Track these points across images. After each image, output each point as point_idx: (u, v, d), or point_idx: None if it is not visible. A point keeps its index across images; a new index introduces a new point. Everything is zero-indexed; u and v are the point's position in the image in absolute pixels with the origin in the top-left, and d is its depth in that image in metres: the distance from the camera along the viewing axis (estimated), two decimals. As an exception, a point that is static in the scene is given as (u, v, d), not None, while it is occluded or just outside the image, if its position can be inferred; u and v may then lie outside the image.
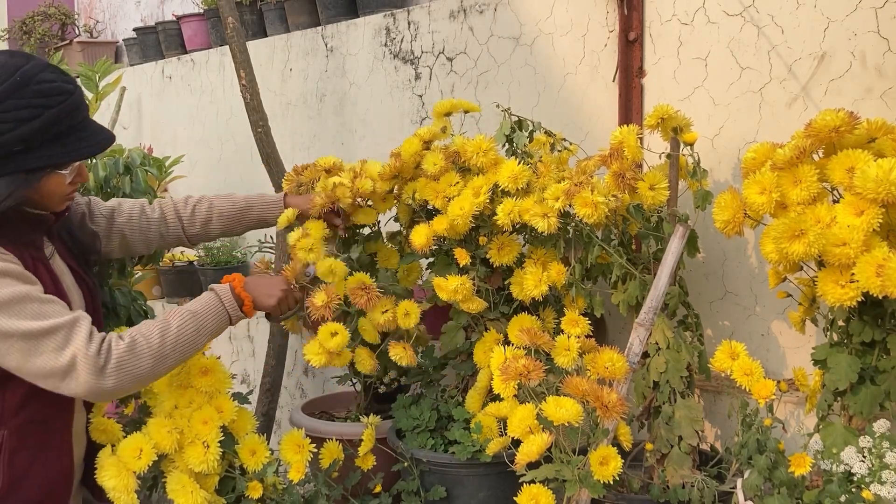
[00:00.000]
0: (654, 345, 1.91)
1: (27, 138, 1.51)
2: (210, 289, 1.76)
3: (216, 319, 1.71)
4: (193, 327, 1.65)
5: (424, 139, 2.18)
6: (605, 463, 1.67)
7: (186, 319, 1.65)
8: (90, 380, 1.51)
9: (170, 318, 1.64)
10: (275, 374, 2.97)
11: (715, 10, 2.22)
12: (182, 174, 3.62)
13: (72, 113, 1.57)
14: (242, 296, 1.75)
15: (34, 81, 1.53)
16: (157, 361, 1.59)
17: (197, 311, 1.68)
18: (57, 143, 1.56)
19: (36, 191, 1.59)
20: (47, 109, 1.52)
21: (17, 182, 1.54)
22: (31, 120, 1.51)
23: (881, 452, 1.52)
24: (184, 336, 1.63)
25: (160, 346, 1.59)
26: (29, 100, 1.51)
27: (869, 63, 1.97)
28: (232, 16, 2.81)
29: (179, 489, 1.73)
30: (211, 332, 1.70)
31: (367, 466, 2.16)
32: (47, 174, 1.58)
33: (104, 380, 1.52)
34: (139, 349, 1.56)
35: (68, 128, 1.57)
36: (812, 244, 1.53)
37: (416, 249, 2.10)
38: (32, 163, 1.54)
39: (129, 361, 1.54)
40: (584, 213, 1.89)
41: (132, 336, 1.58)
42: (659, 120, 1.96)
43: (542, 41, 2.62)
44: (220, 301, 1.72)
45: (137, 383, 1.59)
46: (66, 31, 5.57)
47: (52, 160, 1.57)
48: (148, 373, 1.58)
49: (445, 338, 2.22)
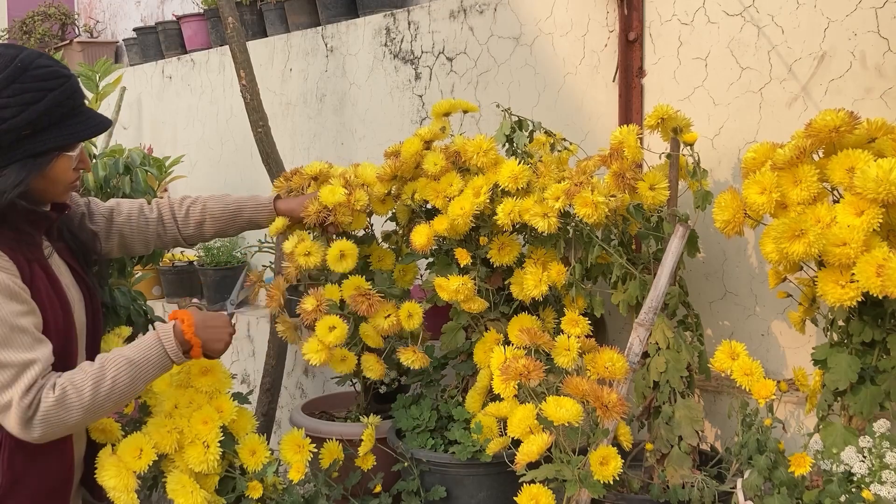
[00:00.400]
0: (654, 345, 1.91)
1: (34, 120, 1.56)
2: (154, 332, 1.70)
3: (156, 367, 1.67)
4: (129, 377, 1.62)
5: (425, 139, 2.18)
6: (605, 463, 1.67)
7: (122, 369, 1.61)
8: (18, 428, 1.54)
9: (106, 367, 1.61)
10: (275, 374, 2.97)
11: (715, 10, 2.22)
12: (182, 174, 3.63)
13: (72, 95, 1.63)
14: (192, 341, 1.70)
15: (33, 67, 1.57)
16: (88, 412, 1.58)
17: (135, 359, 1.64)
18: (62, 125, 1.61)
19: (44, 176, 1.62)
20: (50, 92, 1.58)
21: (28, 167, 1.58)
22: (36, 103, 1.56)
23: (881, 452, 1.52)
24: (118, 387, 1.61)
25: (91, 399, 1.57)
26: (31, 83, 1.56)
27: (869, 63, 1.97)
28: (232, 16, 2.81)
29: (179, 489, 1.73)
30: (148, 379, 1.67)
31: (367, 466, 2.16)
32: (56, 157, 1.62)
33: (31, 430, 1.55)
34: (68, 402, 1.56)
35: (70, 110, 1.62)
36: (812, 244, 1.53)
37: (417, 249, 2.10)
38: (41, 145, 1.59)
39: (56, 415, 1.55)
40: (584, 213, 1.89)
41: (63, 388, 1.56)
42: (659, 120, 1.96)
43: (542, 41, 2.62)
44: (163, 348, 1.67)
45: (67, 431, 1.60)
46: (66, 31, 5.57)
47: (60, 141, 1.61)
48: (79, 422, 1.59)
49: (445, 338, 2.22)
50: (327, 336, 2.01)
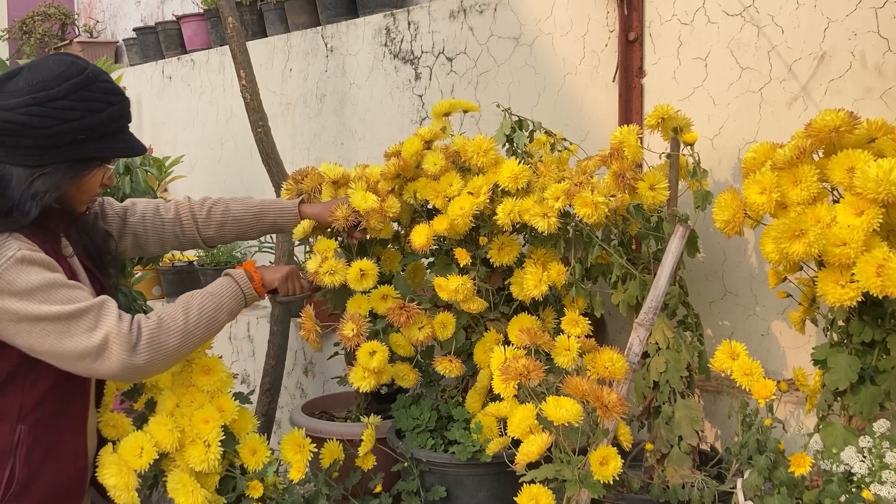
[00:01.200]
0: (654, 345, 1.91)
1: (91, 128, 1.63)
2: (224, 273, 1.86)
3: (232, 297, 1.80)
4: (212, 305, 1.75)
5: (425, 139, 2.18)
6: (605, 463, 1.67)
7: (205, 298, 1.75)
8: (123, 357, 1.57)
9: (189, 300, 1.73)
10: (275, 374, 2.97)
11: (715, 10, 2.22)
12: (182, 174, 3.63)
13: (125, 115, 1.72)
14: (252, 273, 1.86)
15: (100, 80, 1.67)
16: (184, 338, 1.66)
17: (213, 291, 1.78)
18: (109, 139, 1.68)
19: (77, 183, 1.68)
20: (110, 105, 1.67)
21: (71, 171, 1.64)
22: (99, 112, 1.64)
23: (881, 452, 1.52)
24: (205, 313, 1.72)
25: (185, 324, 1.67)
26: (97, 94, 1.65)
27: (869, 63, 1.97)
28: (232, 16, 2.81)
29: (180, 488, 1.73)
30: (229, 309, 1.79)
31: (368, 466, 2.16)
32: (96, 167, 1.69)
33: (136, 356, 1.58)
34: (167, 326, 1.64)
35: (120, 127, 1.71)
36: (812, 244, 1.53)
37: (417, 249, 2.10)
38: (88, 153, 1.65)
39: (158, 338, 1.62)
40: (584, 213, 1.89)
41: (159, 315, 1.66)
42: (659, 120, 1.96)
43: (542, 41, 2.62)
44: (234, 280, 1.82)
45: (167, 360, 1.65)
46: (66, 31, 5.57)
47: (105, 153, 1.69)
48: (176, 349, 1.65)
49: (445, 338, 2.22)
50: (370, 362, 2.02)
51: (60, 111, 1.60)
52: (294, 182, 2.30)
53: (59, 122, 1.59)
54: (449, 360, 2.09)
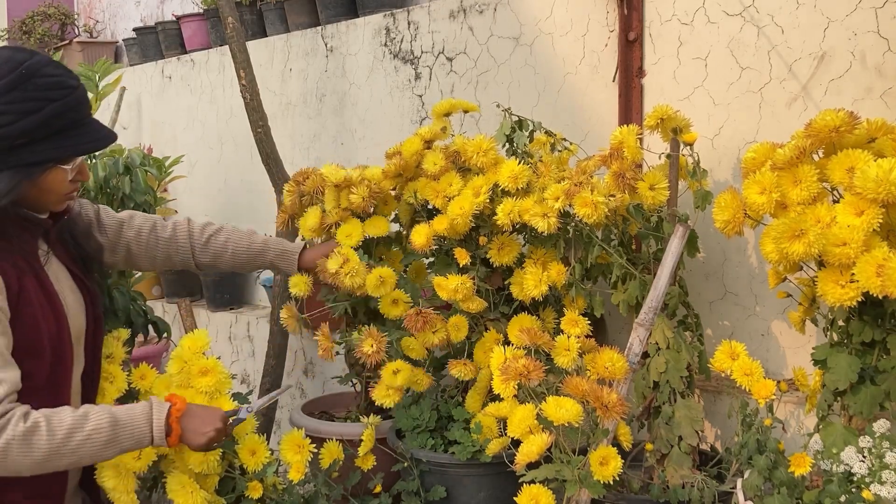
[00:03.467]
0: (654, 345, 1.91)
1: (30, 131, 1.52)
2: (149, 403, 1.64)
3: (134, 439, 1.59)
4: (106, 437, 1.55)
5: (425, 139, 2.18)
6: (605, 463, 1.67)
7: (103, 425, 1.54)
8: None
9: (89, 418, 1.54)
10: (275, 374, 2.97)
11: (715, 10, 2.22)
12: (182, 174, 3.63)
13: (75, 108, 1.58)
14: (173, 426, 1.62)
15: (38, 75, 1.53)
16: (50, 456, 1.50)
17: (120, 421, 1.57)
18: (59, 137, 1.56)
19: (36, 185, 1.58)
20: (51, 102, 1.53)
21: (21, 175, 1.54)
22: (35, 113, 1.51)
23: (881, 452, 1.52)
24: (91, 443, 1.53)
25: (61, 444, 1.50)
26: (33, 92, 1.52)
27: (869, 63, 1.97)
28: (232, 16, 2.81)
29: (179, 489, 1.73)
30: (123, 449, 1.59)
31: (367, 466, 2.16)
32: (49, 168, 1.58)
33: None
34: (36, 439, 1.48)
35: (71, 122, 1.57)
36: (812, 244, 1.53)
37: (417, 249, 2.10)
38: (35, 156, 1.54)
39: (18, 447, 1.47)
40: (584, 213, 1.89)
41: (36, 422, 1.49)
42: (659, 120, 1.96)
43: (542, 41, 2.62)
44: (150, 424, 1.60)
45: (20, 470, 1.51)
46: (65, 31, 5.57)
47: (54, 154, 1.56)
48: (36, 464, 1.50)
49: (445, 338, 2.22)
50: (395, 381, 2.05)
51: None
52: (295, 184, 2.29)
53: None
54: (463, 364, 2.09)
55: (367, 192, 2.13)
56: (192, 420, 1.65)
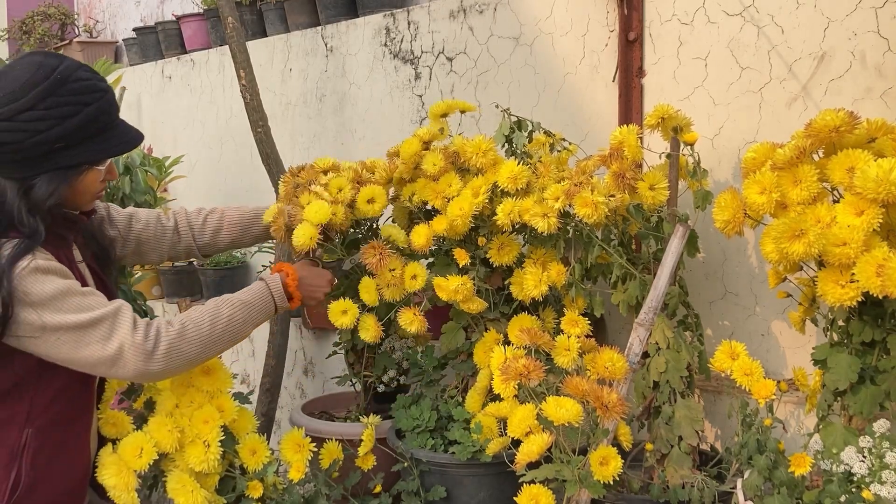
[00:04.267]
0: (654, 345, 1.91)
1: (67, 135, 1.56)
2: (262, 279, 1.83)
3: (264, 311, 1.80)
4: (243, 317, 1.74)
5: (424, 139, 2.18)
6: (605, 463, 1.67)
7: (237, 309, 1.74)
8: (139, 365, 1.57)
9: (221, 306, 1.72)
10: (275, 374, 2.97)
11: (715, 9, 2.22)
12: (182, 174, 3.63)
13: (108, 110, 1.63)
14: (293, 290, 1.84)
15: (72, 79, 1.57)
16: (206, 347, 1.66)
17: (248, 301, 1.77)
18: (95, 140, 1.61)
19: (72, 187, 1.62)
20: (86, 106, 1.57)
21: (59, 179, 1.58)
22: (72, 117, 1.55)
23: (881, 452, 1.52)
24: (233, 324, 1.71)
25: (209, 333, 1.66)
26: (69, 97, 1.55)
27: (869, 63, 1.97)
28: (232, 16, 2.81)
29: (180, 488, 1.73)
30: (257, 322, 1.78)
31: (367, 466, 2.16)
32: (86, 170, 1.63)
33: (152, 364, 1.59)
34: (189, 334, 1.63)
35: (105, 124, 1.62)
36: (812, 244, 1.53)
37: (416, 250, 2.10)
38: (73, 159, 1.59)
39: (178, 346, 1.61)
40: (584, 213, 1.89)
41: (182, 322, 1.64)
42: (659, 120, 1.96)
43: (542, 41, 2.62)
44: (272, 295, 1.81)
45: (186, 366, 1.66)
46: (65, 30, 5.57)
47: (91, 156, 1.62)
48: (195, 357, 1.65)
49: (445, 338, 2.22)
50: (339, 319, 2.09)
51: (29, 123, 1.51)
52: (291, 175, 2.30)
53: (29, 134, 1.52)
54: (413, 313, 2.07)
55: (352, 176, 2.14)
56: (306, 284, 1.90)
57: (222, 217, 2.11)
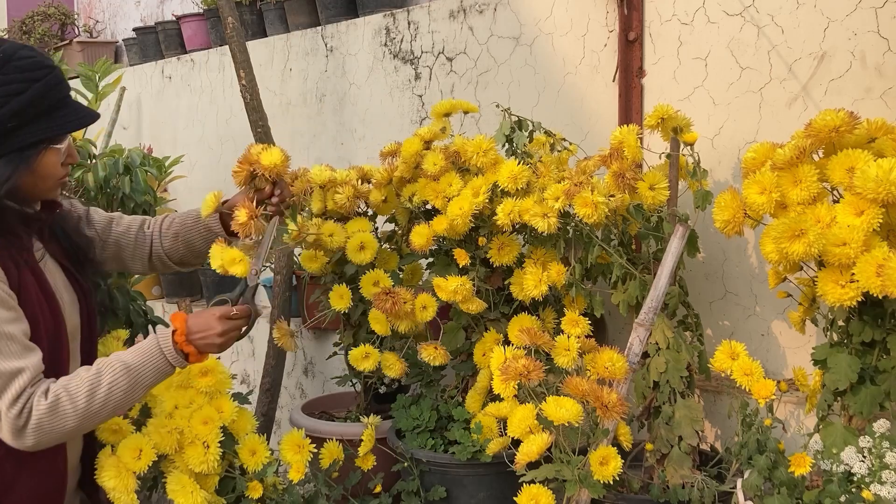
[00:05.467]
0: (654, 345, 1.91)
1: (19, 112, 1.53)
2: (154, 336, 1.68)
3: (155, 372, 1.64)
4: (127, 383, 1.59)
5: (425, 139, 2.18)
6: (605, 463, 1.67)
7: (119, 375, 1.58)
8: (10, 438, 1.52)
9: (103, 373, 1.58)
10: (275, 374, 2.97)
11: (715, 10, 2.22)
12: (182, 174, 3.62)
13: (57, 86, 1.60)
14: (185, 349, 1.66)
15: (16, 58, 1.55)
16: (83, 420, 1.55)
17: (133, 365, 1.61)
18: (48, 117, 1.58)
19: (32, 171, 1.59)
20: (35, 82, 1.55)
21: (16, 161, 1.55)
22: (21, 94, 1.53)
23: (881, 452, 1.52)
24: (115, 393, 1.58)
25: (86, 406, 1.55)
26: (14, 75, 1.53)
27: (869, 63, 1.97)
28: (232, 16, 2.81)
29: (179, 489, 1.73)
30: (147, 385, 1.64)
31: (367, 466, 2.16)
32: (44, 150, 1.59)
33: (23, 440, 1.52)
34: (62, 409, 1.53)
35: (56, 101, 1.59)
36: (812, 244, 1.53)
37: (417, 250, 2.10)
38: (28, 137, 1.56)
39: (49, 423, 1.52)
40: (584, 213, 1.88)
41: (57, 395, 1.53)
42: (659, 120, 1.96)
43: (542, 41, 2.62)
44: (163, 353, 1.65)
45: (63, 439, 1.58)
46: (65, 31, 5.57)
47: (47, 133, 1.58)
48: (74, 429, 1.56)
49: (445, 338, 2.22)
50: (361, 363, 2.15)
51: None
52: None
53: None
54: (434, 348, 2.09)
55: (351, 193, 2.14)
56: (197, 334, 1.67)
57: (175, 220, 1.98)
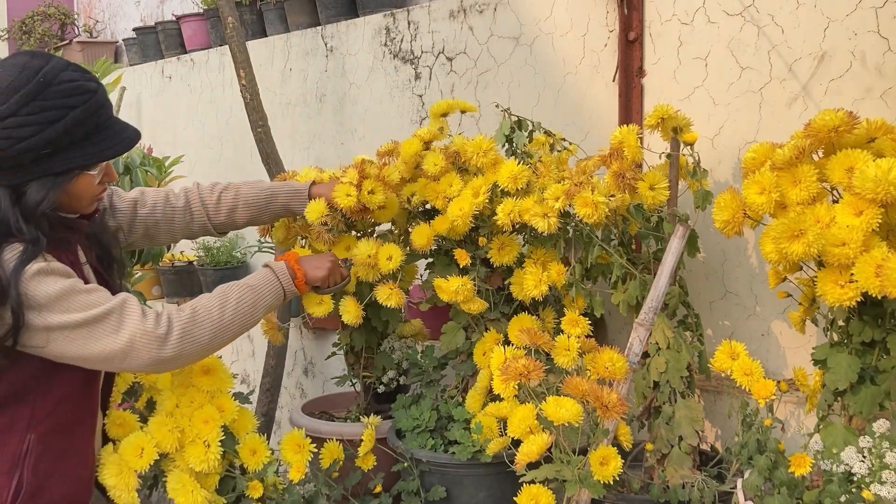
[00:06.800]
0: (654, 345, 1.91)
1: (54, 140, 1.49)
2: (266, 265, 1.83)
3: (272, 293, 1.78)
4: (251, 300, 1.72)
5: (424, 139, 2.18)
6: (605, 463, 1.67)
7: (245, 293, 1.72)
8: (152, 353, 1.56)
9: (228, 292, 1.70)
10: (275, 374, 2.97)
11: (715, 9, 2.22)
12: (182, 174, 3.63)
13: (96, 112, 1.55)
14: (295, 269, 1.84)
15: (56, 81, 1.50)
16: (217, 332, 1.64)
17: (254, 285, 1.75)
18: (84, 144, 1.54)
19: (66, 192, 1.57)
20: (72, 109, 1.51)
21: (48, 185, 1.52)
22: (57, 122, 1.49)
23: (881, 452, 1.52)
24: (242, 308, 1.69)
25: (220, 318, 1.64)
26: (54, 101, 1.49)
27: (869, 63, 1.97)
28: (232, 16, 2.81)
29: (180, 488, 1.73)
30: (267, 305, 1.77)
31: (368, 466, 2.16)
32: (77, 175, 1.56)
33: (165, 349, 1.57)
34: (200, 319, 1.62)
35: (95, 127, 1.55)
36: (811, 244, 1.53)
37: (417, 250, 2.10)
38: (61, 165, 1.53)
39: (190, 331, 1.60)
40: (584, 213, 1.89)
41: (193, 307, 1.63)
42: (659, 120, 1.96)
43: (542, 41, 2.62)
44: (276, 276, 1.80)
45: (198, 353, 1.64)
46: (65, 30, 5.57)
47: (80, 161, 1.55)
48: (208, 343, 1.63)
49: (445, 338, 2.22)
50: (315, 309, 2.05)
51: (12, 130, 1.45)
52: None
53: (14, 141, 1.45)
54: (389, 288, 2.07)
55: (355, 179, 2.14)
56: (307, 262, 1.90)
57: (238, 195, 2.05)
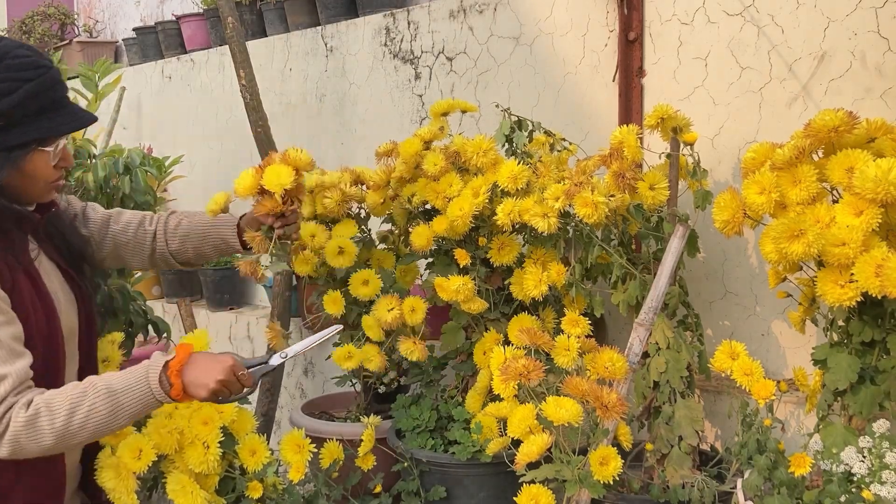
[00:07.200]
0: (654, 345, 1.91)
1: (6, 112, 1.50)
2: (146, 363, 1.59)
3: (139, 402, 1.55)
4: (108, 409, 1.52)
5: (424, 139, 2.18)
6: (605, 463, 1.67)
7: (100, 399, 1.52)
8: None
9: (87, 394, 1.52)
10: (275, 374, 2.97)
11: (715, 9, 2.22)
12: (182, 174, 3.62)
13: (51, 87, 1.55)
14: (173, 380, 1.57)
15: (10, 56, 1.51)
16: (61, 439, 1.50)
17: (117, 390, 1.54)
18: (39, 119, 1.54)
19: (20, 172, 1.56)
20: (26, 82, 1.51)
21: (2, 161, 1.52)
22: (10, 94, 1.49)
23: (881, 452, 1.52)
24: (94, 417, 1.51)
25: (64, 426, 1.49)
26: (5, 73, 1.50)
27: (869, 63, 1.97)
28: (232, 16, 2.81)
29: (179, 489, 1.73)
30: (131, 414, 1.55)
31: (367, 466, 2.16)
32: (32, 152, 1.55)
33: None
34: (39, 425, 1.48)
35: (50, 102, 1.55)
36: (811, 244, 1.53)
37: (417, 250, 2.10)
38: (15, 139, 1.52)
39: (24, 436, 1.48)
40: (584, 213, 1.88)
41: (37, 409, 1.48)
42: (659, 120, 1.96)
43: (542, 41, 2.62)
44: (148, 384, 1.56)
45: (40, 454, 1.52)
46: (65, 30, 5.57)
47: (35, 135, 1.54)
48: (51, 447, 1.51)
49: (445, 338, 2.22)
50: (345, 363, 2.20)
51: None
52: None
53: None
54: (413, 342, 2.11)
55: (340, 197, 2.15)
56: (192, 370, 1.58)
57: (183, 222, 1.95)
